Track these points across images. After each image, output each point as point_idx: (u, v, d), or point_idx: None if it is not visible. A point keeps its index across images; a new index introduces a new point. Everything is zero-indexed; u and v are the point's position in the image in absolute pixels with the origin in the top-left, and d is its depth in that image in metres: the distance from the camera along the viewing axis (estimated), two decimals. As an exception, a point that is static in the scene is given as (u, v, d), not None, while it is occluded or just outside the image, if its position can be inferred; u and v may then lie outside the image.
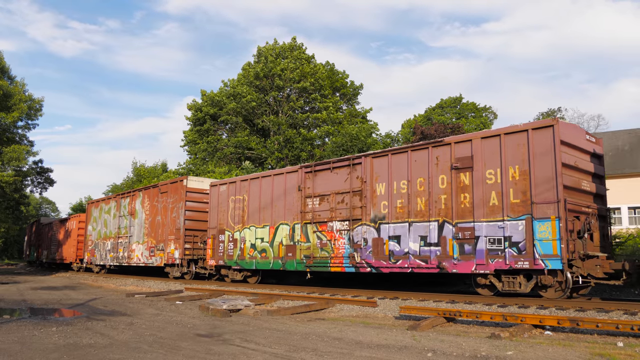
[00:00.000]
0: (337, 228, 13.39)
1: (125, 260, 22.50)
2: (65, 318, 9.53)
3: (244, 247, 16.08)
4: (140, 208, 21.93)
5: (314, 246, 13.82)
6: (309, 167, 14.47)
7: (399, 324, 8.64)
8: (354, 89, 36.74)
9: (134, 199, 22.58)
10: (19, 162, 28.34)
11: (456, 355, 5.77)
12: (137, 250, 21.64)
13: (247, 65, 35.73)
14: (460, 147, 11.23)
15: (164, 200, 20.13)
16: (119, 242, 23.39)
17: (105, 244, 24.94)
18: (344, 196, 13.40)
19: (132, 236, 22.18)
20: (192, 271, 18.92)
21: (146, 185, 21.78)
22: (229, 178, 18.14)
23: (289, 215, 14.76)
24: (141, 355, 5.86)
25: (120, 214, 23.60)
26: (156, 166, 48.76)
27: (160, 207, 20.31)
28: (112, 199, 25.01)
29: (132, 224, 22.35)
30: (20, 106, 27.72)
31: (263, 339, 6.94)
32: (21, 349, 6.26)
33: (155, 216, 20.51)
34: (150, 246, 20.50)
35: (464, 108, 42.71)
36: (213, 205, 17.63)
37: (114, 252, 23.66)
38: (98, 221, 26.20)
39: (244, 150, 34.11)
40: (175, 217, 19.15)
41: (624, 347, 6.17)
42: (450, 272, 10.94)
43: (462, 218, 10.93)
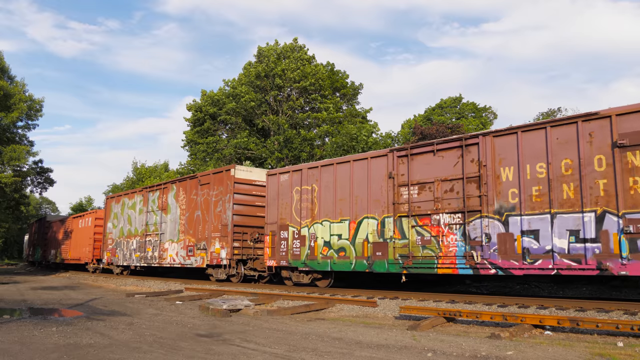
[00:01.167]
0: (444, 222, 11.37)
1: (156, 261, 20.25)
2: (65, 318, 9.52)
3: (315, 245, 13.89)
4: (173, 202, 19.70)
5: (413, 244, 11.81)
6: (402, 150, 12.42)
7: (399, 324, 8.64)
8: (354, 89, 36.75)
9: (165, 192, 20.31)
10: (19, 162, 28.32)
11: (456, 355, 5.77)
12: (170, 249, 19.44)
13: (248, 65, 35.74)
14: (625, 120, 9.23)
15: (205, 193, 17.89)
16: (146, 241, 21.17)
17: (129, 243, 22.74)
18: (454, 184, 11.32)
19: (164, 234, 19.95)
20: (241, 273, 16.75)
21: (181, 177, 19.59)
22: (292, 166, 15.88)
23: (375, 207, 12.67)
24: (141, 355, 5.86)
25: (148, 210, 21.32)
26: (157, 166, 48.81)
27: (201, 200, 18.06)
28: (137, 193, 22.68)
29: (163, 220, 20.11)
30: (20, 106, 27.70)
31: (263, 339, 6.94)
32: (21, 349, 6.26)
33: (194, 211, 18.33)
34: (188, 245, 18.34)
35: (464, 108, 42.69)
36: (271, 197, 15.37)
37: (141, 252, 21.45)
38: (120, 218, 24.04)
39: (243, 151, 34.11)
40: (220, 212, 16.97)
41: (624, 347, 6.17)
42: (617, 275, 9.07)
43: (633, 207, 8.93)
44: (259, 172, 17.65)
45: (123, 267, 23.98)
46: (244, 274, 16.78)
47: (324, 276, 14.51)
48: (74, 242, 29.91)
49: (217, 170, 17.83)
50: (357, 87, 37.04)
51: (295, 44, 35.62)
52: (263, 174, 17.14)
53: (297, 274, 14.80)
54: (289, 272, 15.01)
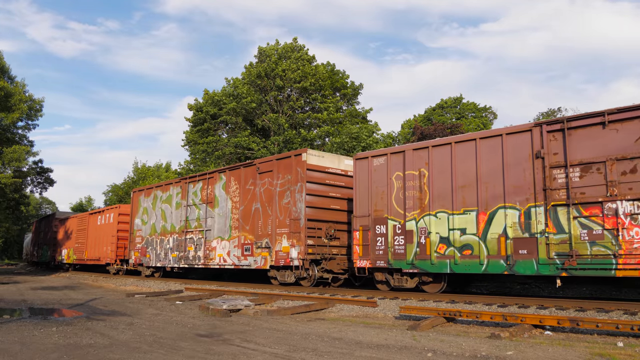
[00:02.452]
0: (625, 211, 9.26)
1: (200, 261, 17.77)
2: (65, 318, 9.53)
3: (427, 242, 11.62)
4: (222, 194, 17.25)
5: (576, 239, 9.67)
6: (555, 123, 10.29)
7: (399, 324, 8.64)
8: (354, 89, 36.77)
9: (211, 182, 17.92)
10: (19, 163, 28.33)
11: (456, 355, 5.77)
12: (219, 248, 16.91)
13: (250, 66, 35.77)
14: None
15: (267, 183, 15.52)
16: (187, 239, 18.68)
17: (163, 241, 20.20)
18: (636, 163, 9.21)
19: (211, 230, 17.45)
20: (314, 275, 14.25)
21: (233, 165, 17.52)
22: (389, 148, 13.56)
23: (515, 194, 10.52)
24: (141, 355, 5.86)
25: (189, 203, 18.90)
26: (159, 165, 48.88)
27: (260, 191, 15.64)
28: (173, 185, 20.22)
29: (209, 215, 17.66)
30: (21, 106, 27.72)
31: (263, 339, 6.94)
32: (21, 349, 6.26)
33: (251, 203, 15.88)
34: (245, 243, 15.89)
35: (464, 108, 42.71)
36: (361, 185, 13.20)
37: (179, 251, 19.01)
38: (151, 213, 21.42)
39: (243, 151, 34.12)
40: (288, 204, 14.64)
41: (624, 347, 6.17)
42: None
43: None
44: (331, 158, 15.41)
45: (155, 269, 21.51)
46: (317, 276, 14.29)
47: (436, 279, 11.94)
48: (91, 241, 27.22)
49: (282, 155, 15.39)
50: (357, 87, 37.06)
51: (295, 44, 35.65)
52: (336, 160, 15.39)
53: (398, 277, 12.37)
54: (385, 275, 12.62)
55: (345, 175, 15.33)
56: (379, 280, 12.83)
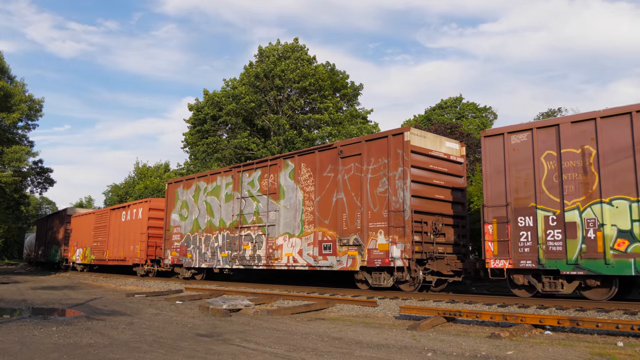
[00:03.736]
0: None
1: (261, 262, 15.45)
2: (65, 318, 9.53)
3: (598, 236, 9.47)
4: (290, 184, 14.97)
5: None
6: None
7: (399, 323, 8.64)
8: (355, 89, 36.76)
9: (273, 170, 15.62)
10: (19, 163, 28.35)
11: (456, 355, 5.77)
12: (287, 246, 14.72)
13: (249, 66, 35.77)
14: None
15: (353, 168, 13.28)
16: (241, 236, 16.36)
17: (209, 239, 17.82)
18: None
19: (275, 226, 15.18)
20: (418, 278, 12.15)
21: (304, 149, 15.18)
22: (533, 122, 11.45)
23: None
24: (141, 355, 5.86)
25: (243, 195, 16.61)
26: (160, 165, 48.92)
27: (344, 178, 13.44)
28: (221, 175, 17.85)
29: (272, 208, 15.39)
30: (21, 107, 27.73)
31: (263, 339, 6.94)
32: (21, 348, 6.26)
33: (331, 193, 13.69)
34: (323, 240, 13.70)
35: (464, 108, 42.71)
36: (493, 168, 10.98)
37: (231, 250, 16.68)
38: (192, 206, 19.04)
39: (243, 151, 34.12)
40: (384, 193, 12.49)
41: (624, 346, 6.17)
42: None
43: None
44: (432, 139, 13.11)
45: (197, 270, 19.22)
46: (422, 279, 12.12)
47: (604, 283, 9.76)
48: (114, 240, 24.76)
49: (373, 135, 13.34)
50: (357, 88, 37.06)
51: (295, 44, 35.65)
52: (437, 142, 13.25)
53: (550, 280, 10.13)
54: (529, 278, 10.41)
55: (447, 159, 13.43)
56: (519, 285, 10.60)
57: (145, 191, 40.37)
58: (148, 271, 22.10)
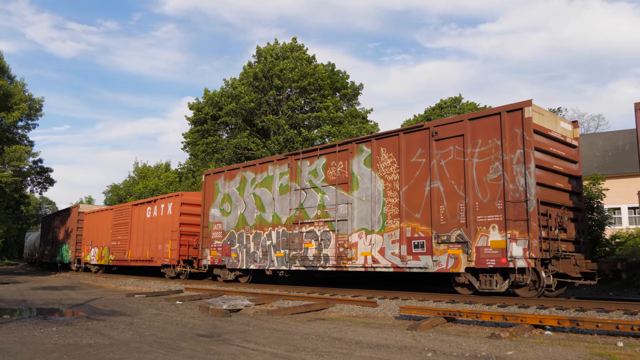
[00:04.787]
0: None
1: (329, 262, 13.55)
2: (65, 318, 9.53)
3: None
4: (366, 172, 13.12)
5: None
6: None
7: (399, 324, 8.64)
8: (355, 89, 36.76)
9: (343, 157, 13.72)
10: (20, 162, 28.34)
11: (456, 355, 5.77)
12: (364, 244, 12.84)
13: (248, 66, 35.76)
14: None
15: (453, 152, 11.53)
16: (302, 232, 14.44)
17: (260, 236, 15.86)
18: None
19: (348, 220, 13.27)
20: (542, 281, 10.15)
21: (384, 131, 13.24)
22: None
23: None
24: (141, 355, 5.86)
25: (303, 186, 14.63)
26: (160, 165, 48.90)
27: (441, 164, 11.63)
28: (274, 163, 15.76)
29: (341, 200, 13.54)
30: (21, 106, 27.73)
31: (263, 339, 6.94)
32: (21, 349, 6.27)
33: (424, 182, 11.85)
34: (414, 236, 11.83)
35: (464, 108, 42.71)
36: None
37: (289, 249, 14.74)
38: (237, 200, 16.94)
39: (243, 151, 34.12)
40: (498, 180, 10.68)
41: (624, 347, 6.17)
42: None
43: None
44: (549, 117, 11.32)
45: (242, 272, 17.09)
46: (545, 282, 10.19)
47: None
48: (137, 238, 22.65)
49: (482, 113, 11.38)
50: (357, 88, 37.05)
51: (294, 44, 35.65)
52: (553, 121, 11.45)
53: None
54: None
55: (563, 142, 11.61)
56: None
57: (145, 191, 40.35)
58: (179, 273, 20.09)
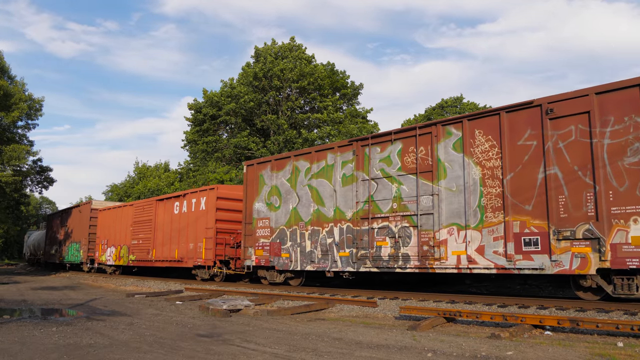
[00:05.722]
0: None
1: (410, 263, 11.90)
2: (65, 318, 9.53)
3: None
4: (455, 157, 11.47)
5: None
6: None
7: (399, 324, 8.64)
8: (354, 89, 36.76)
9: (424, 141, 12.07)
10: (19, 162, 28.32)
11: (456, 356, 5.77)
12: (455, 242, 11.25)
13: (247, 66, 35.74)
14: None
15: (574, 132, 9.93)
16: (374, 229, 12.73)
17: (318, 233, 14.03)
18: None
19: (434, 215, 11.69)
20: None
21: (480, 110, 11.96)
22: None
23: None
24: (141, 355, 5.86)
25: (372, 175, 12.95)
26: (159, 165, 48.89)
27: (558, 147, 10.05)
28: (335, 150, 14.01)
29: (424, 191, 12.00)
30: (21, 106, 27.73)
31: (263, 339, 6.94)
32: (21, 349, 6.27)
33: (535, 168, 10.25)
34: (524, 232, 10.21)
35: (464, 108, 42.71)
36: None
37: (357, 247, 12.96)
38: (288, 193, 15.09)
39: (243, 151, 34.11)
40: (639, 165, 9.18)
41: (624, 347, 6.17)
42: None
43: None
44: None
45: (294, 273, 15.31)
46: None
47: None
48: (163, 236, 20.80)
49: (614, 85, 9.63)
50: (357, 87, 37.03)
51: (293, 44, 35.63)
52: None
53: None
54: None
55: None
56: None
57: (145, 191, 40.34)
58: (214, 275, 18.38)
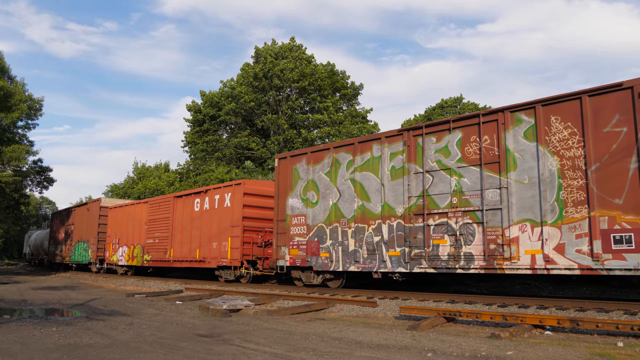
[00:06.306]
0: None
1: (475, 263, 10.81)
2: (65, 318, 9.53)
3: None
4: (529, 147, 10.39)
5: None
6: None
7: (399, 324, 8.64)
8: (354, 89, 36.75)
9: (489, 130, 11.05)
10: (19, 162, 28.33)
11: (456, 355, 5.77)
12: (529, 240, 10.11)
13: (246, 66, 35.74)
14: None
15: None
16: (430, 226, 11.69)
17: (362, 231, 12.98)
18: None
19: (504, 209, 10.56)
20: None
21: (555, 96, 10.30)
22: None
23: None
24: (141, 355, 5.86)
25: (427, 168, 11.88)
26: (159, 165, 48.87)
27: None
28: (381, 141, 12.87)
29: (491, 184, 10.88)
30: (21, 106, 27.73)
31: (263, 339, 6.94)
32: (21, 349, 6.26)
33: (626, 157, 9.26)
34: (612, 228, 9.24)
35: (464, 108, 42.70)
36: None
37: (408, 246, 11.96)
38: (327, 187, 14.02)
39: (243, 151, 34.11)
40: None
41: (624, 347, 6.17)
42: None
43: None
44: None
45: (334, 274, 14.21)
46: None
47: None
48: (182, 235, 19.68)
49: None
50: (357, 88, 37.03)
51: (293, 44, 35.63)
52: None
53: None
54: None
55: None
56: None
57: (145, 191, 40.34)
58: (239, 276, 17.20)
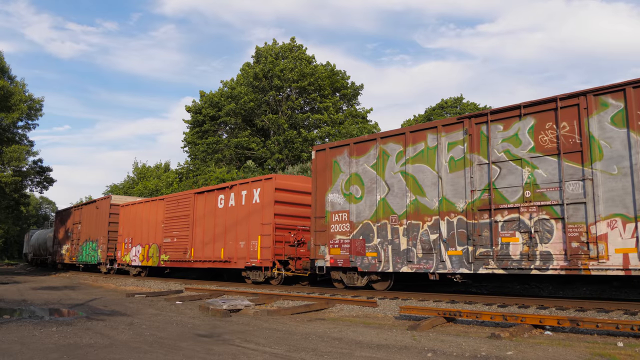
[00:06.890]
0: None
1: (553, 263, 9.82)
2: (65, 318, 9.53)
3: None
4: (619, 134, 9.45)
5: None
6: None
7: (399, 324, 8.64)
8: (354, 89, 36.75)
9: (570, 115, 10.04)
10: (19, 162, 28.32)
11: (456, 355, 5.77)
12: (619, 236, 9.20)
13: (246, 66, 35.74)
14: None
15: None
16: (498, 222, 10.68)
17: (416, 228, 11.96)
18: None
19: (588, 204, 9.54)
20: None
21: None
22: None
23: None
24: (141, 356, 5.86)
25: (493, 159, 10.90)
26: (159, 165, 48.87)
27: None
28: (438, 130, 11.91)
29: (572, 176, 9.85)
30: (21, 106, 27.72)
31: (263, 339, 6.94)
32: (21, 349, 6.26)
33: None
34: None
35: (464, 108, 42.70)
36: None
37: (472, 245, 10.95)
38: (373, 181, 12.98)
39: (243, 151, 34.10)
40: None
41: (624, 347, 6.17)
42: None
43: None
44: None
45: (381, 276, 13.06)
46: None
47: None
48: (204, 234, 18.53)
49: None
50: (357, 88, 37.03)
51: (293, 44, 35.64)
52: None
53: None
54: None
55: None
56: None
57: (145, 191, 40.34)
58: (270, 277, 16.05)
